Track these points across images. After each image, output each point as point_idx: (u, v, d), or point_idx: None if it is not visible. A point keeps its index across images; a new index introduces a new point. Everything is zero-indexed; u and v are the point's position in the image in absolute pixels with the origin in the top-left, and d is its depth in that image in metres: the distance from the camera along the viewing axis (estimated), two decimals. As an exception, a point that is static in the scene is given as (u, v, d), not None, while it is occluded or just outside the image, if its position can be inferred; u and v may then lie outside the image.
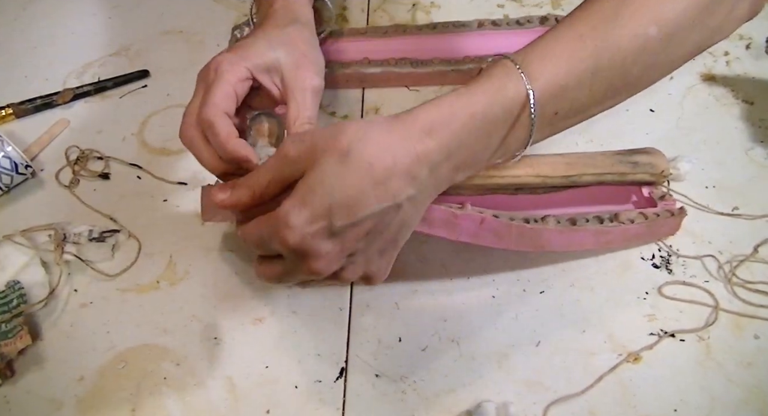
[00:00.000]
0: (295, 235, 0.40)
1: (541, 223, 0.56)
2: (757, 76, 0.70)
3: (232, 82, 0.49)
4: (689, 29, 0.44)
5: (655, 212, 0.58)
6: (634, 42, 0.43)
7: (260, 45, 0.52)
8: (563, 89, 0.43)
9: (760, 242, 0.59)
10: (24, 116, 0.73)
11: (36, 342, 0.56)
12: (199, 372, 0.54)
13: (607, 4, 0.44)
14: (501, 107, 0.42)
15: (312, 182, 0.40)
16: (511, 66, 0.43)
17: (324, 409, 0.52)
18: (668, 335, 0.54)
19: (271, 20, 0.55)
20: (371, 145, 0.40)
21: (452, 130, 0.41)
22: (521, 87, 0.42)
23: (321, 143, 0.41)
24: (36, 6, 0.85)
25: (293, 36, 0.54)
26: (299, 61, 0.53)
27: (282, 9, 0.56)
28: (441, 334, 0.55)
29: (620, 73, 0.44)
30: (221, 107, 0.48)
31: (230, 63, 0.50)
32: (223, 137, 0.47)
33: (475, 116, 0.42)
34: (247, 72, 0.51)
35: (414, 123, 0.41)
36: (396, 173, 0.40)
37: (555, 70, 0.43)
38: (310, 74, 0.53)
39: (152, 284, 0.60)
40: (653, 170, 0.58)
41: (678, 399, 0.51)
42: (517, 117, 0.43)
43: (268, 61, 0.52)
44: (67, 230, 0.62)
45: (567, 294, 0.57)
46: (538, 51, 0.44)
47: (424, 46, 0.74)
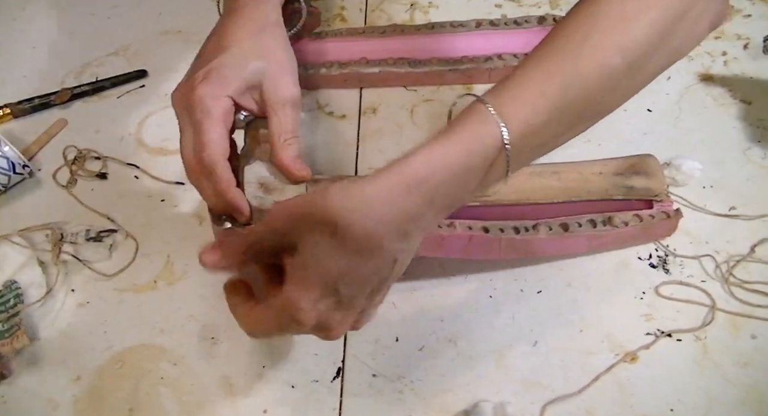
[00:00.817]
0: (311, 317, 0.42)
1: (533, 232, 0.56)
2: (754, 76, 0.70)
3: (221, 120, 0.49)
4: (651, 54, 0.45)
5: (650, 214, 0.58)
6: (599, 73, 0.44)
7: (236, 63, 0.50)
8: (535, 127, 0.44)
9: (757, 242, 0.59)
10: (22, 115, 0.73)
11: (33, 342, 0.56)
12: (197, 371, 0.54)
13: (571, 39, 0.45)
14: (478, 155, 0.43)
15: (309, 260, 0.41)
16: (485, 111, 0.43)
17: (321, 409, 0.52)
18: (665, 335, 0.54)
19: (241, 23, 0.53)
20: (358, 214, 0.40)
21: (433, 184, 0.42)
22: (496, 132, 0.43)
23: (309, 216, 0.41)
24: (35, 6, 0.85)
25: (268, 44, 0.52)
26: (276, 73, 0.52)
27: (252, 2, 0.54)
28: (438, 334, 0.55)
29: (588, 103, 0.45)
30: (219, 151, 0.48)
31: (213, 97, 0.49)
32: (224, 185, 0.48)
33: (454, 168, 0.42)
34: (231, 101, 0.50)
35: (396, 183, 0.41)
36: (386, 236, 0.41)
37: (526, 111, 0.44)
38: (288, 85, 0.52)
39: (150, 284, 0.60)
40: (647, 194, 0.58)
41: (675, 399, 0.51)
42: (494, 160, 0.44)
43: (247, 81, 0.51)
44: (64, 229, 0.62)
45: (564, 294, 0.57)
46: (510, 92, 0.45)
47: (422, 46, 0.74)
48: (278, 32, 0.54)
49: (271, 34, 0.53)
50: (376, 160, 0.67)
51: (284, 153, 0.51)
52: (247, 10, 0.54)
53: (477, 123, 0.43)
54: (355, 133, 0.69)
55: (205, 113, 0.48)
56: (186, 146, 0.49)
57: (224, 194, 0.48)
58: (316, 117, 0.71)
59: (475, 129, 0.43)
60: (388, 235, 0.41)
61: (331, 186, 0.41)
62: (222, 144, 0.49)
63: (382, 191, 0.41)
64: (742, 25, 0.74)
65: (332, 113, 0.71)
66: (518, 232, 0.56)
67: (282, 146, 0.51)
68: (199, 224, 0.63)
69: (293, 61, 0.54)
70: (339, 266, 0.41)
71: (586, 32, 0.45)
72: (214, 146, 0.48)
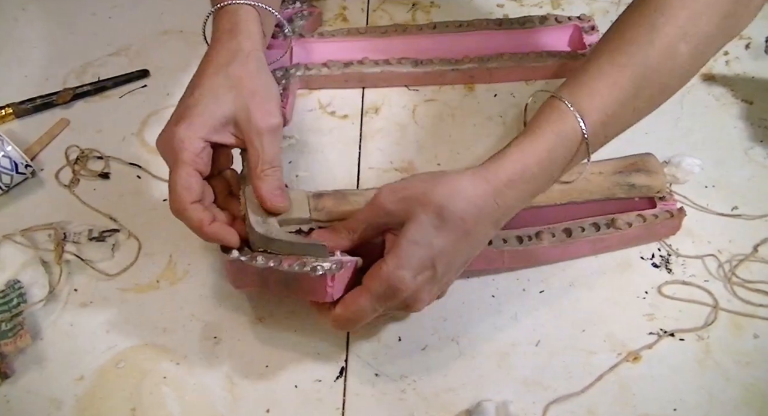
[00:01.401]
0: (410, 287, 0.46)
1: (536, 240, 0.56)
2: (756, 76, 0.70)
3: (190, 162, 0.49)
4: (715, 37, 0.49)
5: (653, 214, 0.58)
6: (668, 61, 0.48)
7: (208, 104, 0.51)
8: (612, 117, 0.49)
9: (759, 241, 0.59)
10: (24, 115, 0.73)
11: (36, 342, 0.56)
12: (199, 371, 0.54)
13: (639, 30, 0.49)
14: (562, 148, 0.48)
15: (413, 236, 0.46)
16: (564, 107, 0.48)
17: (324, 408, 0.52)
18: (668, 334, 0.54)
19: (214, 57, 0.53)
20: (461, 201, 0.46)
21: (525, 179, 0.47)
22: (577, 127, 0.48)
23: (416, 198, 0.47)
24: (36, 6, 0.85)
25: (238, 75, 0.52)
26: (249, 104, 0.51)
27: (227, 34, 0.54)
28: (441, 333, 0.55)
29: (658, 89, 0.50)
30: (185, 196, 0.49)
31: (182, 140, 0.49)
32: (196, 226, 0.50)
33: (542, 163, 0.48)
34: (202, 142, 0.50)
35: (494, 179, 0.47)
36: (483, 223, 0.47)
37: (603, 104, 0.48)
38: (263, 114, 0.51)
39: (152, 283, 0.60)
40: (649, 192, 0.59)
41: (677, 398, 0.51)
42: (576, 151, 0.49)
43: (219, 119, 0.51)
44: (67, 229, 0.62)
45: (566, 294, 0.57)
46: (586, 87, 0.49)
47: (423, 45, 0.74)
48: (250, 61, 0.53)
49: (241, 64, 0.52)
50: (378, 160, 0.67)
51: (260, 185, 0.51)
52: (220, 43, 0.54)
53: (558, 120, 0.48)
54: (357, 133, 0.69)
55: (175, 159, 0.50)
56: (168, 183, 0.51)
57: (201, 233, 0.50)
58: (318, 117, 0.71)
59: (558, 126, 0.48)
60: (486, 223, 0.47)
61: (441, 176, 0.47)
62: (191, 187, 0.50)
63: (483, 186, 0.47)
64: (744, 25, 0.74)
65: (334, 112, 0.71)
66: (521, 242, 0.56)
67: (258, 177, 0.51)
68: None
69: (269, 88, 0.53)
70: (441, 244, 0.46)
71: (653, 22, 0.48)
72: (180, 190, 0.49)
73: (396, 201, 0.48)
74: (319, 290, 0.48)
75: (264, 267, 0.49)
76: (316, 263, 0.48)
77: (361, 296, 0.48)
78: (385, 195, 0.48)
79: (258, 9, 0.56)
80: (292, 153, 0.68)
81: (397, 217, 0.48)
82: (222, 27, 0.55)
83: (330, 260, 0.48)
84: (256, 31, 0.55)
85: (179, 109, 0.52)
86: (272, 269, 0.49)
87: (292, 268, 0.48)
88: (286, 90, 0.70)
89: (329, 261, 0.48)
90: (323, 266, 0.48)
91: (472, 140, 0.68)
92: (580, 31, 0.74)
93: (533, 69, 0.71)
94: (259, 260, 0.49)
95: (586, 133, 0.48)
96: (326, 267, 0.48)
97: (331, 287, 0.48)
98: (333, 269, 0.48)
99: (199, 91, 0.51)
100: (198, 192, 0.50)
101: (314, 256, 0.49)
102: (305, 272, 0.48)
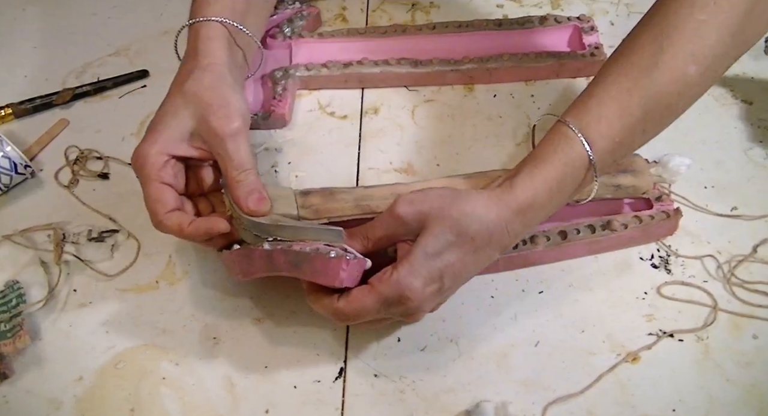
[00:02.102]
0: (417, 298, 0.47)
1: (530, 245, 0.56)
2: (756, 77, 0.70)
3: (155, 176, 0.51)
4: (725, 55, 0.49)
5: (649, 215, 0.58)
6: (676, 83, 0.48)
7: (168, 120, 0.52)
8: (619, 142, 0.49)
9: (758, 242, 0.59)
10: (23, 115, 0.73)
11: (35, 342, 0.56)
12: (198, 371, 0.54)
13: (646, 53, 0.48)
14: (571, 176, 0.49)
15: (428, 247, 0.47)
16: (572, 134, 0.48)
17: (323, 409, 0.52)
18: (667, 335, 0.54)
19: (176, 80, 0.55)
20: (476, 222, 0.48)
21: (535, 209, 0.49)
22: (584, 153, 0.48)
23: (433, 212, 0.48)
24: (36, 6, 0.85)
25: (193, 90, 0.52)
26: (206, 115, 0.51)
27: (187, 54, 0.56)
28: (440, 334, 0.55)
29: (667, 112, 0.50)
30: (159, 207, 0.51)
31: (144, 156, 0.51)
32: (177, 230, 0.51)
33: (552, 192, 0.49)
34: (165, 157, 0.51)
35: (507, 206, 0.48)
36: (492, 246, 0.49)
37: (610, 130, 0.48)
38: (221, 121, 0.51)
39: (151, 284, 0.60)
40: (635, 192, 0.58)
41: (676, 399, 0.51)
42: (584, 176, 0.49)
43: (180, 133, 0.52)
44: (66, 230, 0.62)
45: (566, 294, 0.57)
46: (593, 112, 0.49)
47: (423, 46, 0.74)
48: (205, 75, 0.53)
49: (195, 80, 0.53)
50: (378, 160, 0.67)
51: (235, 191, 0.51)
52: (185, 62, 0.56)
53: (567, 148, 0.49)
54: (356, 133, 0.69)
55: (142, 177, 0.51)
56: None
57: (184, 235, 0.51)
58: (317, 117, 0.71)
59: (566, 153, 0.49)
60: (494, 247, 0.49)
61: (458, 194, 0.49)
62: (161, 198, 0.51)
63: (496, 211, 0.48)
64: (744, 26, 0.74)
65: (334, 113, 0.71)
66: (516, 246, 0.56)
67: (231, 184, 0.52)
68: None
69: (226, 97, 0.53)
70: (451, 259, 0.48)
71: (659, 45, 0.48)
72: (152, 204, 0.51)
73: (413, 213, 0.49)
74: (332, 272, 0.47)
75: (272, 249, 0.49)
76: (332, 247, 0.49)
77: (368, 296, 0.48)
78: (403, 207, 0.49)
79: (226, 25, 0.56)
80: (292, 153, 0.68)
81: (413, 228, 0.49)
82: (189, 46, 0.56)
83: (343, 249, 0.49)
84: (219, 46, 0.55)
85: (147, 131, 0.53)
86: (282, 251, 0.48)
87: (304, 250, 0.48)
88: (286, 90, 0.70)
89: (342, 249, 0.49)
90: (338, 250, 0.48)
91: (471, 141, 0.68)
92: (580, 31, 0.74)
93: (533, 69, 0.71)
94: (266, 246, 0.49)
95: (593, 159, 0.48)
96: (341, 253, 0.48)
97: (345, 271, 0.47)
98: (349, 256, 0.48)
99: (161, 112, 0.53)
100: (171, 203, 0.51)
101: (329, 241, 0.49)
102: (320, 253, 0.48)
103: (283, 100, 0.69)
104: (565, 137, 0.49)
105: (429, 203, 0.49)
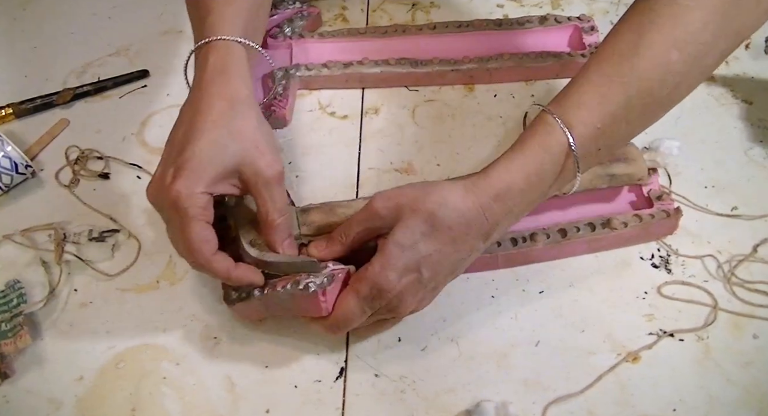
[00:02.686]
0: (394, 287, 0.48)
1: (530, 243, 0.56)
2: (756, 76, 0.70)
3: (200, 216, 0.48)
4: (711, 45, 0.47)
5: (650, 214, 0.58)
6: (658, 70, 0.47)
7: (209, 155, 0.48)
8: (601, 130, 0.48)
9: (759, 241, 0.59)
10: (24, 115, 0.73)
11: (36, 342, 0.56)
12: (199, 371, 0.54)
13: (627, 39, 0.48)
14: (549, 162, 0.48)
15: (400, 239, 0.48)
16: (551, 120, 0.48)
17: (323, 409, 0.52)
18: (667, 334, 0.54)
19: (210, 104, 0.49)
20: (451, 211, 0.47)
21: (513, 194, 0.48)
22: (563, 140, 0.48)
23: (408, 204, 0.48)
24: (36, 6, 0.85)
25: (239, 126, 0.49)
26: (253, 155, 0.49)
27: (219, 76, 0.51)
28: (440, 334, 0.55)
29: (651, 100, 0.48)
30: (205, 249, 0.48)
31: (188, 195, 0.47)
32: (224, 276, 0.50)
33: (530, 178, 0.48)
34: (207, 196, 0.48)
35: (482, 194, 0.48)
36: (472, 235, 0.48)
37: (590, 116, 0.47)
38: (268, 163, 0.50)
39: (152, 284, 0.60)
40: (630, 180, 0.59)
41: (677, 399, 0.51)
42: (564, 164, 0.48)
43: (223, 171, 0.49)
44: (66, 229, 0.62)
45: (566, 294, 0.57)
46: (573, 99, 0.48)
47: (423, 46, 0.74)
48: (249, 111, 0.51)
49: (242, 114, 0.50)
50: (378, 160, 0.67)
51: (273, 236, 0.51)
52: (214, 86, 0.50)
53: (545, 133, 0.48)
54: (356, 133, 0.69)
55: (185, 215, 0.47)
56: (175, 242, 0.50)
57: (229, 279, 0.50)
58: (317, 118, 0.71)
59: (544, 139, 0.48)
60: (474, 235, 0.49)
61: (433, 185, 0.49)
62: (208, 240, 0.48)
63: (472, 198, 0.48)
64: (744, 25, 0.74)
65: (334, 113, 0.71)
66: (516, 243, 0.56)
67: (271, 227, 0.51)
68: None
69: (269, 136, 0.51)
70: (426, 249, 0.48)
71: (642, 31, 0.47)
72: (199, 245, 0.48)
73: (388, 207, 0.49)
74: (314, 306, 0.50)
75: (261, 296, 0.51)
76: (308, 280, 0.50)
77: (347, 297, 0.49)
78: (378, 201, 0.49)
79: (245, 46, 0.53)
80: (292, 153, 0.68)
81: (389, 222, 0.49)
82: (211, 67, 0.51)
83: (322, 275, 0.50)
84: (248, 72, 0.52)
85: (174, 159, 0.49)
86: (269, 295, 0.51)
87: (286, 289, 0.50)
88: (286, 90, 0.70)
89: (321, 275, 0.50)
90: (315, 282, 0.49)
91: (471, 141, 0.68)
92: (580, 31, 0.74)
93: (533, 69, 0.71)
94: (255, 293, 0.51)
95: (573, 145, 0.47)
96: (317, 283, 0.49)
97: (324, 302, 0.50)
98: (324, 283, 0.49)
99: (199, 144, 0.48)
100: (215, 244, 0.49)
101: (308, 271, 0.50)
102: (299, 291, 0.49)
103: (283, 101, 0.69)
104: (546, 123, 0.48)
105: (404, 197, 0.49)
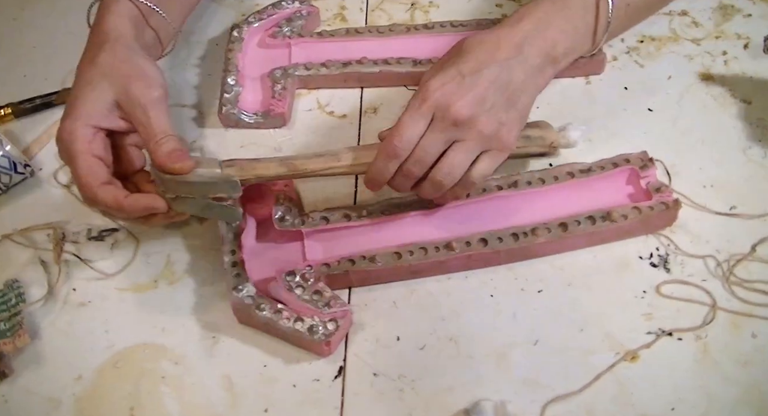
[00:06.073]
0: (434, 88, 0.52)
1: (532, 237, 0.56)
2: (755, 76, 0.70)
3: (85, 150, 0.51)
4: None
5: (649, 206, 0.58)
6: None
7: (87, 94, 0.52)
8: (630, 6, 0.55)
9: (757, 241, 0.59)
10: (23, 115, 0.73)
11: (34, 341, 0.56)
12: (198, 370, 0.54)
13: None
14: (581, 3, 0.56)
15: (440, 64, 0.55)
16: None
17: (322, 408, 0.52)
18: (666, 334, 0.54)
19: (86, 54, 0.55)
20: (480, 34, 0.55)
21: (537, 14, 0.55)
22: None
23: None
24: (35, 6, 0.85)
25: (108, 62, 0.53)
26: (125, 85, 0.52)
27: (94, 34, 0.56)
28: (439, 333, 0.55)
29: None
30: (92, 179, 0.50)
31: (71, 132, 0.51)
32: (114, 204, 0.51)
33: (556, 3, 0.55)
34: (92, 130, 0.52)
35: (508, 19, 0.56)
36: (503, 45, 0.53)
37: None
38: (143, 90, 0.52)
39: (151, 283, 0.60)
40: (544, 142, 0.61)
41: (675, 398, 0.51)
42: (596, 6, 0.55)
43: (102, 105, 0.52)
44: (65, 229, 0.62)
45: (565, 293, 0.57)
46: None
47: (422, 45, 0.74)
48: (118, 45, 0.54)
49: (110, 52, 0.54)
50: (377, 159, 0.67)
51: (156, 152, 0.51)
52: (92, 34, 0.56)
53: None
54: (355, 133, 0.69)
55: (68, 151, 0.51)
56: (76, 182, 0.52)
57: (122, 210, 0.51)
58: (316, 117, 0.71)
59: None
60: (503, 45, 0.53)
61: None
62: (94, 171, 0.51)
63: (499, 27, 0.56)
64: (743, 25, 0.74)
65: (333, 112, 0.71)
66: (517, 239, 0.56)
67: (153, 148, 0.51)
68: (200, 223, 0.63)
69: (143, 68, 0.54)
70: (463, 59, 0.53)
71: None
72: (84, 177, 0.51)
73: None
74: (316, 349, 0.53)
75: (265, 320, 0.53)
76: (314, 322, 0.52)
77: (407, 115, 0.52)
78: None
79: (137, 4, 0.58)
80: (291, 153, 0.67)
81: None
82: (95, 22, 0.57)
83: (326, 314, 0.52)
84: (126, 23, 0.57)
85: (65, 108, 0.53)
86: (270, 324, 0.52)
87: (288, 327, 0.52)
88: (285, 90, 0.70)
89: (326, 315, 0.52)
90: (319, 326, 0.52)
91: (470, 140, 0.68)
92: (579, 30, 0.74)
93: (532, 69, 0.71)
94: (264, 312, 0.53)
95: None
96: (322, 331, 0.52)
97: (328, 347, 0.53)
98: (330, 331, 0.52)
99: (77, 87, 0.53)
100: (104, 175, 0.51)
101: (227, 193, 0.51)
102: (302, 333, 0.52)
103: (282, 100, 0.69)
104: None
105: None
